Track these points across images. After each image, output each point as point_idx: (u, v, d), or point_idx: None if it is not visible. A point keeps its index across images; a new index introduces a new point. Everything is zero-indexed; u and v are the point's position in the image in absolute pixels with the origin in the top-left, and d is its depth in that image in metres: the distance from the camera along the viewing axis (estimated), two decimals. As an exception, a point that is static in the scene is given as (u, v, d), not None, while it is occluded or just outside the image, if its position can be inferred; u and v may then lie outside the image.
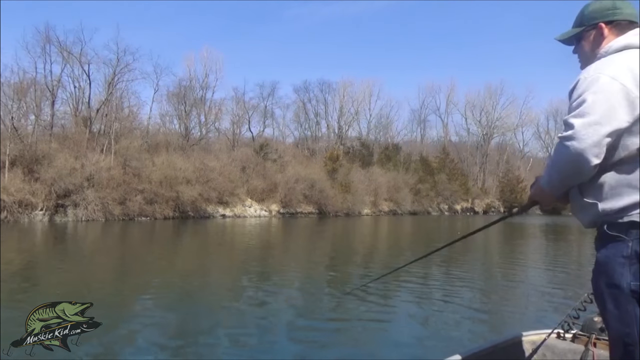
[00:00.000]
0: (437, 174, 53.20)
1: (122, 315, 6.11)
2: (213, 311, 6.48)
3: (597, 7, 1.70)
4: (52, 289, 7.79)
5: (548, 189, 1.66)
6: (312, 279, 9.39)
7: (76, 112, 35.48)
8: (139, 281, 8.88)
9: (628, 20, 1.66)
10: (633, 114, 1.46)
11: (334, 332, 5.56)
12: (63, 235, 19.24)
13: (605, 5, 1.68)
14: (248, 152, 41.13)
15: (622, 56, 1.56)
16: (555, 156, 1.56)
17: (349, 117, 57.44)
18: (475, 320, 6.17)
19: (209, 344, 5.00)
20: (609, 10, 1.67)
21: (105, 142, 31.45)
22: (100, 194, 27.42)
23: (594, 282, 1.59)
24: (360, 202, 43.30)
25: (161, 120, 45.05)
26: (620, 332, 1.51)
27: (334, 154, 45.83)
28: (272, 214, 37.50)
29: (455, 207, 54.66)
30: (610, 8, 1.67)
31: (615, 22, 1.66)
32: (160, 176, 30.83)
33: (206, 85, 46.44)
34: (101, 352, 4.60)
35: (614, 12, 1.66)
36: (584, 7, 1.75)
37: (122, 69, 35.78)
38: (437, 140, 66.22)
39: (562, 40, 1.81)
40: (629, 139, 1.49)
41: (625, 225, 1.49)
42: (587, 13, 1.72)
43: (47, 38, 33.25)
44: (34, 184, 26.05)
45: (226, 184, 35.03)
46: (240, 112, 49.01)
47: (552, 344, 2.47)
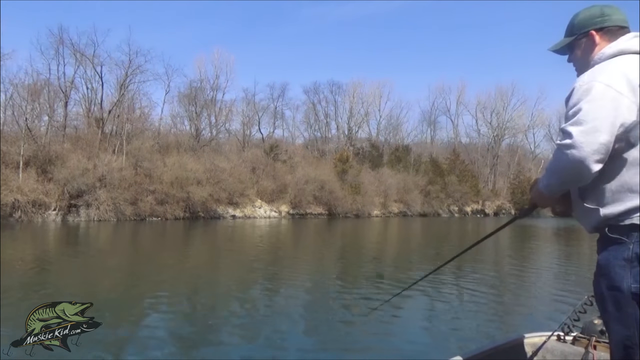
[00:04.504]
0: (447, 175, 52.82)
1: (133, 315, 6.17)
2: (224, 311, 6.52)
3: (586, 16, 1.71)
4: (65, 288, 7.88)
5: (547, 193, 1.67)
6: (321, 278, 9.40)
7: (89, 113, 35.91)
8: (151, 281, 8.96)
9: (618, 25, 1.66)
10: (630, 119, 1.46)
11: (340, 330, 5.57)
12: (76, 235, 19.45)
13: (594, 13, 1.69)
14: (258, 153, 41.25)
15: (616, 62, 1.56)
16: (554, 163, 1.56)
17: (358, 118, 57.41)
18: (480, 321, 6.15)
19: (219, 344, 5.04)
20: (598, 18, 1.68)
21: (117, 142, 31.79)
22: (112, 194, 27.68)
23: (595, 284, 1.60)
24: (370, 204, 43.18)
25: (172, 121, 45.53)
26: (620, 335, 1.51)
27: (343, 155, 45.75)
28: (282, 214, 37.56)
29: (465, 209, 54.27)
30: (599, 15, 1.68)
31: (605, 29, 1.66)
32: (171, 177, 31.04)
33: (217, 86, 46.74)
34: (110, 350, 4.65)
35: (603, 19, 1.67)
36: (573, 17, 1.75)
37: (134, 70, 36.17)
38: (447, 142, 65.83)
39: (555, 51, 1.81)
40: (627, 144, 1.49)
41: (626, 227, 1.50)
42: (576, 22, 1.73)
43: (60, 40, 33.80)
44: (47, 184, 26.39)
45: (236, 184, 35.15)
46: (251, 113, 49.31)
47: (553, 346, 2.47)
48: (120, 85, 35.92)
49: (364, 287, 8.58)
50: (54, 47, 33.61)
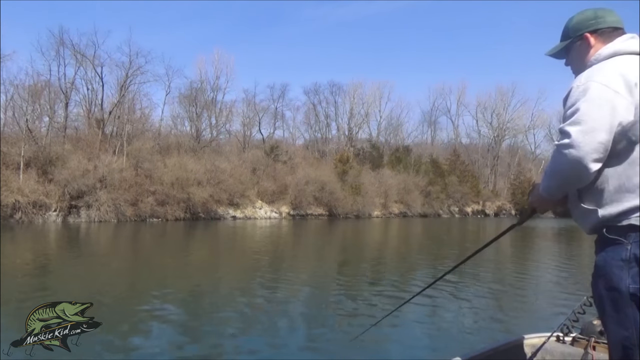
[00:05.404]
0: (447, 176, 52.82)
1: (133, 315, 6.17)
2: (224, 311, 6.52)
3: (580, 19, 1.73)
4: (65, 289, 7.89)
5: (547, 195, 1.67)
6: (323, 280, 9.40)
7: (89, 114, 35.95)
8: (151, 281, 8.96)
9: (612, 27, 1.68)
10: (628, 118, 1.47)
11: (343, 331, 5.57)
12: (76, 236, 19.46)
13: (588, 16, 1.71)
14: (258, 154, 41.28)
15: (613, 62, 1.58)
16: (553, 164, 1.57)
17: (359, 119, 57.44)
18: (479, 321, 6.14)
19: (220, 344, 5.04)
20: (592, 20, 1.70)
21: (118, 143, 31.81)
22: (113, 195, 27.68)
23: (593, 285, 1.60)
24: (370, 204, 43.17)
25: (172, 122, 45.55)
26: (619, 336, 1.51)
27: (344, 155, 45.75)
28: (282, 215, 37.56)
29: (465, 210, 54.26)
30: (593, 18, 1.70)
31: (600, 31, 1.68)
32: (171, 178, 31.05)
33: (217, 87, 46.77)
34: (110, 350, 4.65)
35: (597, 21, 1.69)
36: (567, 21, 1.78)
37: (134, 71, 36.22)
38: (447, 142, 65.89)
39: (552, 55, 1.83)
40: (625, 144, 1.50)
41: (624, 228, 1.50)
42: (571, 26, 1.75)
43: (61, 41, 33.83)
44: (47, 185, 26.40)
45: (237, 185, 35.17)
46: (251, 114, 49.35)
47: (552, 347, 2.48)
48: (120, 86, 36.00)
49: (364, 287, 8.58)
50: (55, 48, 33.71)
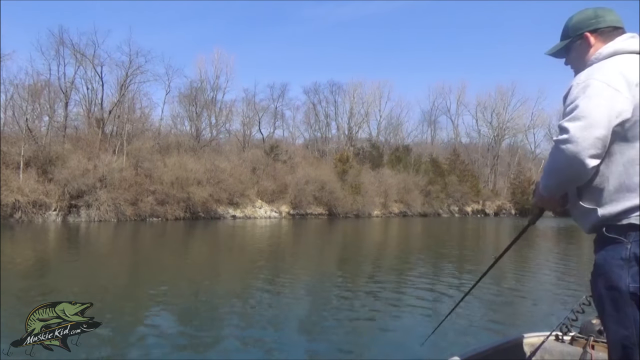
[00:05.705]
0: (447, 175, 52.84)
1: (133, 315, 6.17)
2: (224, 312, 6.53)
3: (580, 18, 1.73)
4: (65, 289, 7.89)
5: (546, 194, 1.67)
6: (323, 279, 9.40)
7: (89, 113, 35.95)
8: (152, 281, 8.97)
9: (612, 26, 1.68)
10: (627, 116, 1.47)
11: (342, 330, 5.58)
12: (76, 236, 19.46)
13: (588, 15, 1.71)
14: (258, 154, 41.28)
15: (613, 61, 1.58)
16: (551, 160, 1.57)
17: (359, 119, 57.44)
18: (479, 320, 6.13)
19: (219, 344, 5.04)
20: (591, 20, 1.70)
21: (118, 143, 31.80)
22: (113, 194, 27.68)
23: (593, 284, 1.60)
24: (370, 204, 43.16)
25: (172, 121, 45.56)
26: (618, 335, 1.51)
27: (344, 155, 45.75)
28: (282, 215, 37.56)
29: (465, 209, 54.27)
30: (593, 17, 1.70)
31: (599, 30, 1.68)
32: (171, 177, 31.05)
33: (217, 86, 46.79)
34: (110, 350, 4.66)
35: (597, 20, 1.69)
36: (567, 20, 1.78)
37: (134, 70, 36.22)
38: (447, 142, 65.93)
39: (552, 54, 1.83)
40: (625, 143, 1.50)
41: (624, 227, 1.50)
42: (571, 25, 1.75)
43: (61, 40, 33.83)
44: (47, 185, 26.40)
45: (237, 185, 35.16)
46: (251, 113, 49.32)
47: (551, 346, 2.48)
48: (120, 86, 35.99)
49: (364, 288, 8.57)
50: (55, 48, 33.72)
